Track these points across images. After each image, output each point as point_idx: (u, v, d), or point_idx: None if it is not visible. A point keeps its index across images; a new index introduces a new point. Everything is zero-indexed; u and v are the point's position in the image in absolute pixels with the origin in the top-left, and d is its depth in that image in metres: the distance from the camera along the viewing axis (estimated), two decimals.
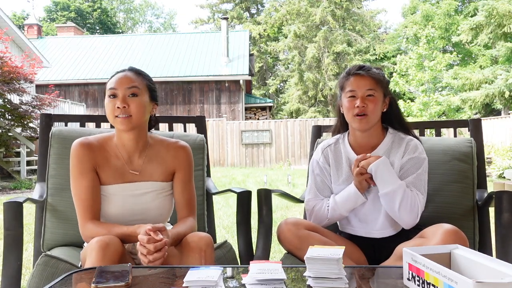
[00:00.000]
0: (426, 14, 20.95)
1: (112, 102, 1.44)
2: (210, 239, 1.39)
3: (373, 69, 1.64)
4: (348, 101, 1.62)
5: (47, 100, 9.67)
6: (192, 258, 1.34)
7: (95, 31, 33.27)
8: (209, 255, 1.35)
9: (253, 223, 1.89)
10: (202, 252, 1.34)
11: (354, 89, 1.61)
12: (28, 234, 3.67)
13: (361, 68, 1.63)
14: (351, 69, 1.66)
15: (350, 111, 1.61)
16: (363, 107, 1.58)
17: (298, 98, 23.46)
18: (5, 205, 1.54)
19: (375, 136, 1.67)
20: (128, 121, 1.44)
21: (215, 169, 12.30)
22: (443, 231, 1.39)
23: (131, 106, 1.44)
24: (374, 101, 1.59)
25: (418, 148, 1.63)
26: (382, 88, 1.62)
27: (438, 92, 14.80)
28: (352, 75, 1.63)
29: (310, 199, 1.73)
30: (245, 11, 29.51)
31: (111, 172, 1.49)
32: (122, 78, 1.46)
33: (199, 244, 1.35)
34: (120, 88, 1.44)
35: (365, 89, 1.59)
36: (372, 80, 1.60)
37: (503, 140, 10.67)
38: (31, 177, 8.97)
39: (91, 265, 1.25)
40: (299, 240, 1.54)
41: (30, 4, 55.93)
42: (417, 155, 1.61)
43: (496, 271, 0.97)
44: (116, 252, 1.30)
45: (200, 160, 2.03)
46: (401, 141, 1.66)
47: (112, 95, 1.45)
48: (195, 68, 16.78)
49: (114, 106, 1.44)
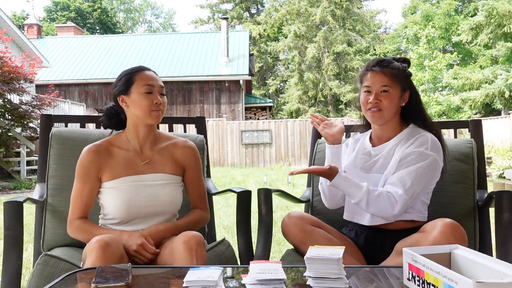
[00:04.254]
0: (426, 14, 20.96)
1: (150, 98, 1.54)
2: (200, 237, 1.40)
3: (393, 64, 1.62)
4: (363, 96, 1.65)
5: (47, 100, 9.67)
6: (183, 257, 1.34)
7: (95, 31, 33.27)
8: (200, 254, 1.36)
9: (253, 223, 1.89)
10: (193, 251, 1.35)
11: (369, 85, 1.62)
12: (28, 234, 3.67)
13: (378, 63, 1.63)
14: (370, 63, 1.67)
15: (364, 105, 1.65)
16: (376, 103, 1.59)
17: (298, 98, 23.45)
18: (5, 205, 1.54)
19: (392, 130, 1.68)
20: (160, 115, 1.57)
21: (215, 169, 12.30)
22: (443, 223, 1.39)
23: (163, 103, 1.58)
24: (389, 97, 1.59)
25: (428, 143, 1.57)
26: (399, 84, 1.61)
27: (438, 92, 14.82)
28: (369, 70, 1.64)
29: None
30: (245, 11, 29.51)
31: (122, 165, 1.56)
32: (155, 77, 1.59)
33: (190, 244, 1.36)
34: (156, 86, 1.56)
35: (380, 85, 1.60)
36: (387, 76, 1.60)
37: (503, 140, 10.67)
38: (31, 177, 8.97)
39: (91, 264, 1.25)
40: (304, 234, 1.55)
41: (30, 4, 56.05)
42: (422, 150, 1.55)
43: (496, 271, 0.97)
44: (116, 252, 1.31)
45: (200, 160, 2.03)
46: (415, 134, 1.62)
47: (149, 91, 1.54)
48: (195, 68, 16.78)
49: (151, 101, 1.54)
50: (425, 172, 1.54)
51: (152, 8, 40.50)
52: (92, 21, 33.25)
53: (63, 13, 31.79)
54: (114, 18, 36.48)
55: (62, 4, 32.21)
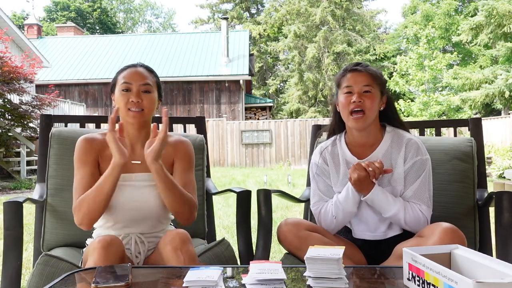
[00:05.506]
0: (426, 14, 20.97)
1: (126, 96, 1.48)
2: (185, 234, 1.38)
3: (370, 66, 1.64)
4: (344, 97, 1.59)
5: (47, 100, 9.67)
6: (170, 258, 1.33)
7: (95, 31, 33.26)
8: (186, 251, 1.34)
9: (253, 223, 1.89)
10: (178, 250, 1.33)
11: (350, 85, 1.58)
12: (28, 234, 3.67)
13: (358, 65, 1.63)
14: (348, 66, 1.66)
15: (346, 107, 1.59)
16: (360, 103, 1.55)
17: (298, 98, 23.46)
18: (5, 205, 1.54)
19: (372, 135, 1.65)
20: (140, 115, 1.48)
21: (215, 169, 12.30)
22: (441, 230, 1.38)
23: (144, 101, 1.49)
24: (371, 97, 1.57)
25: (420, 148, 1.60)
26: (379, 86, 1.61)
27: (438, 92, 14.82)
28: (349, 71, 1.62)
29: (315, 203, 1.69)
30: (245, 11, 29.50)
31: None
32: (136, 74, 1.51)
33: (174, 243, 1.34)
34: (135, 83, 1.49)
35: (362, 84, 1.57)
36: (369, 76, 1.59)
37: (503, 140, 10.67)
38: (31, 177, 8.97)
39: (93, 264, 1.25)
40: (299, 240, 1.53)
41: (30, 4, 56.01)
42: (420, 157, 1.59)
43: (496, 271, 0.97)
44: (118, 252, 1.30)
45: (200, 160, 2.03)
46: (400, 140, 1.62)
47: (125, 89, 1.49)
48: (195, 68, 16.78)
49: (127, 99, 1.48)
50: (430, 176, 1.61)
51: (152, 8, 40.51)
52: (92, 21, 33.25)
53: (63, 13, 31.80)
54: (114, 18, 36.48)
55: (62, 4, 32.21)
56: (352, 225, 1.69)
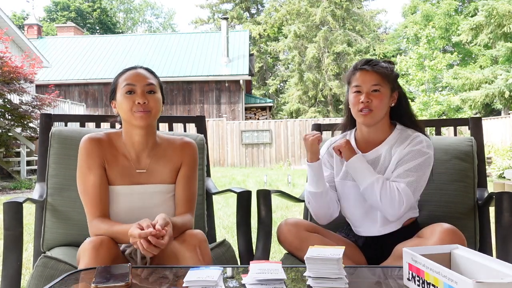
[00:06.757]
0: (426, 14, 20.96)
1: (130, 98, 1.43)
2: (202, 235, 1.39)
3: (381, 63, 1.61)
4: (353, 96, 1.60)
5: (47, 100, 9.67)
6: (188, 257, 1.32)
7: (95, 31, 33.26)
8: (204, 250, 1.34)
9: (253, 223, 1.89)
10: (197, 248, 1.33)
11: (359, 84, 1.58)
12: (28, 234, 3.67)
13: (367, 63, 1.61)
14: (358, 63, 1.64)
15: (355, 106, 1.60)
16: (368, 103, 1.56)
17: (298, 98, 23.45)
18: (5, 205, 1.54)
19: (381, 132, 1.65)
20: (147, 116, 1.43)
21: (215, 169, 12.30)
22: (441, 230, 1.38)
23: (151, 102, 1.44)
24: (380, 96, 1.57)
25: (423, 143, 1.58)
26: (389, 83, 1.60)
27: (438, 92, 14.82)
28: (358, 69, 1.61)
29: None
30: (245, 11, 29.50)
31: (119, 171, 1.47)
32: (139, 75, 1.47)
33: (193, 241, 1.34)
34: (139, 84, 1.44)
35: (370, 84, 1.57)
36: (378, 75, 1.58)
37: (503, 140, 10.67)
38: (31, 177, 8.97)
39: (85, 265, 1.24)
40: (299, 241, 1.53)
41: (30, 4, 55.88)
42: (419, 148, 1.56)
43: (496, 271, 0.97)
44: (109, 252, 1.29)
45: (200, 160, 2.03)
46: (407, 136, 1.61)
47: (129, 91, 1.44)
48: (195, 68, 16.78)
49: (132, 101, 1.42)
50: (424, 167, 1.56)
51: (152, 8, 40.50)
52: (92, 21, 33.24)
53: (63, 13, 31.78)
54: (114, 18, 36.47)
55: (62, 4, 32.20)
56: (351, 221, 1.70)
